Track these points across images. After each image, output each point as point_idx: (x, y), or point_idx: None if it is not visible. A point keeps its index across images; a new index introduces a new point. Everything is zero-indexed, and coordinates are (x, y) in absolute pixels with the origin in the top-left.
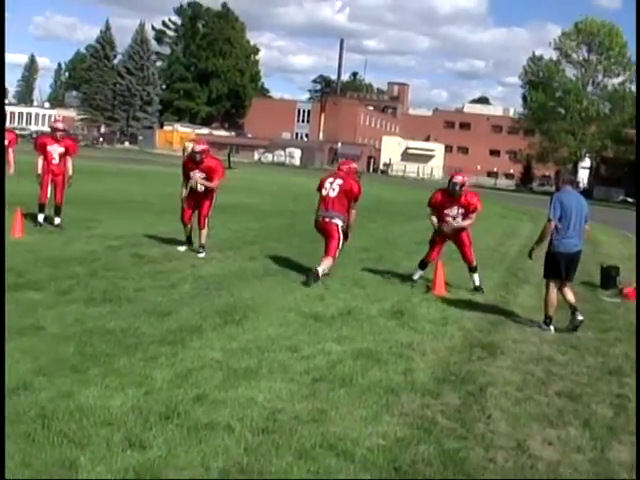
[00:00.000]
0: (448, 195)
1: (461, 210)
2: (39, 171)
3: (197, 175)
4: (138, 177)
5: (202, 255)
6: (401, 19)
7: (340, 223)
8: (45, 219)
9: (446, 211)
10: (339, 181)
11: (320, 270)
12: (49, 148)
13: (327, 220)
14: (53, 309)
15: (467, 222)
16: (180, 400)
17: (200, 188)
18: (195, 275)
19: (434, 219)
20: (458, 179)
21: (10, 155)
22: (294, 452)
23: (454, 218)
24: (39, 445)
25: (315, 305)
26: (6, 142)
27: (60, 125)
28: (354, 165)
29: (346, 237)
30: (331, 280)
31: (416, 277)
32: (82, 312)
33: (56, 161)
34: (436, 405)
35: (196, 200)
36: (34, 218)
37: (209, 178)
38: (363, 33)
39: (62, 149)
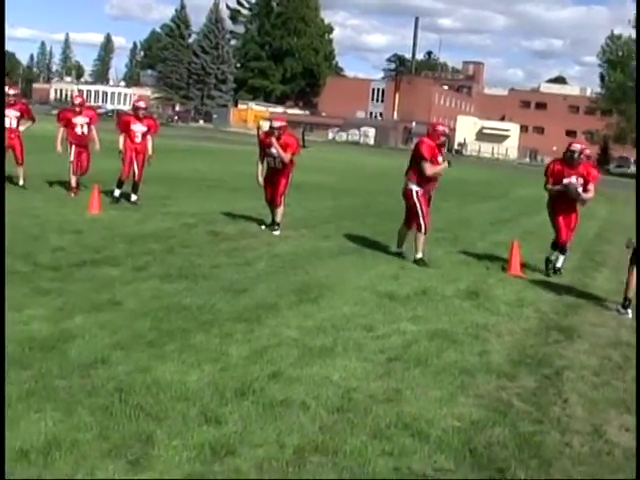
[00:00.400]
0: (567, 164)
1: (580, 180)
2: (121, 148)
3: (273, 150)
4: (213, 155)
5: (277, 233)
6: None
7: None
8: (121, 195)
9: (565, 181)
10: None
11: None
12: (132, 127)
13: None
14: (130, 285)
15: (589, 195)
16: (256, 377)
17: (278, 164)
18: (270, 253)
19: (556, 187)
20: (576, 147)
21: (94, 132)
22: (369, 431)
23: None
24: (116, 418)
25: (390, 284)
26: (87, 120)
27: (142, 104)
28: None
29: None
30: (406, 260)
31: (559, 264)
32: (158, 288)
33: (139, 139)
34: (512, 388)
35: (273, 178)
36: (110, 194)
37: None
38: (438, 11)
39: (144, 128)
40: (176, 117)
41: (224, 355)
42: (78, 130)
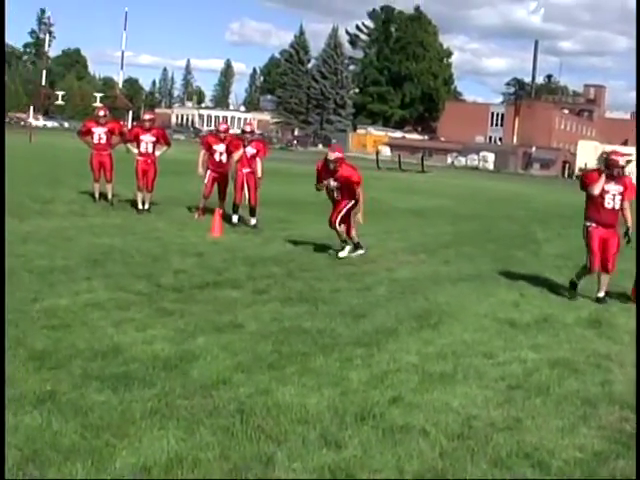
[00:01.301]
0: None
1: (619, 188)
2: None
3: (332, 183)
4: None
5: (343, 254)
6: (598, 18)
7: None
8: (239, 219)
9: (606, 187)
10: None
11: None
12: (214, 147)
13: None
14: (251, 307)
15: (626, 204)
16: (376, 402)
17: (337, 196)
18: (390, 278)
19: (594, 188)
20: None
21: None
22: (489, 460)
23: (613, 197)
24: (237, 439)
25: (510, 311)
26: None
27: (248, 128)
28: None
29: None
30: (527, 287)
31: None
32: (279, 311)
33: (247, 162)
34: (635, 419)
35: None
36: (230, 220)
37: (343, 187)
38: (558, 34)
39: (254, 151)
40: (295, 141)
41: (344, 379)
42: (217, 157)
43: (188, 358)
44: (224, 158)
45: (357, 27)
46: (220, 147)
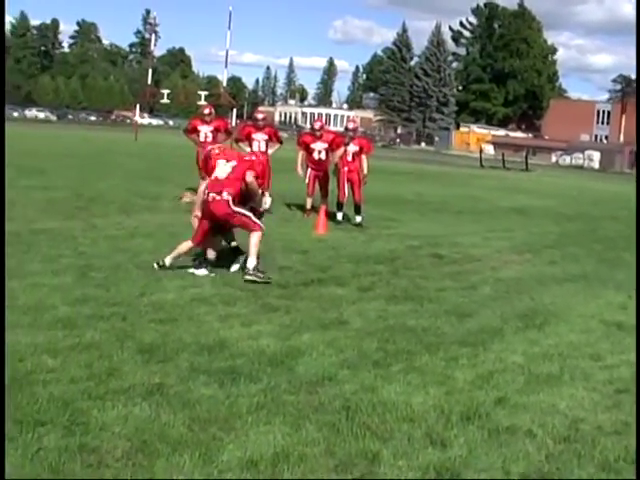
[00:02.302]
0: None
1: None
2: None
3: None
4: (435, 178)
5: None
6: None
7: None
8: (343, 217)
9: None
10: None
11: None
12: (312, 146)
13: None
14: (355, 304)
15: None
16: (481, 402)
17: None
18: (495, 277)
19: None
20: None
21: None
22: (596, 463)
23: None
24: (343, 435)
25: (618, 313)
26: (325, 145)
27: (351, 125)
28: None
29: None
30: (634, 289)
31: None
32: (384, 309)
33: (350, 159)
34: None
35: None
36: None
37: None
38: None
39: (356, 148)
40: (398, 139)
41: (449, 378)
42: (315, 155)
43: (294, 354)
44: (323, 156)
45: (460, 24)
46: (317, 145)
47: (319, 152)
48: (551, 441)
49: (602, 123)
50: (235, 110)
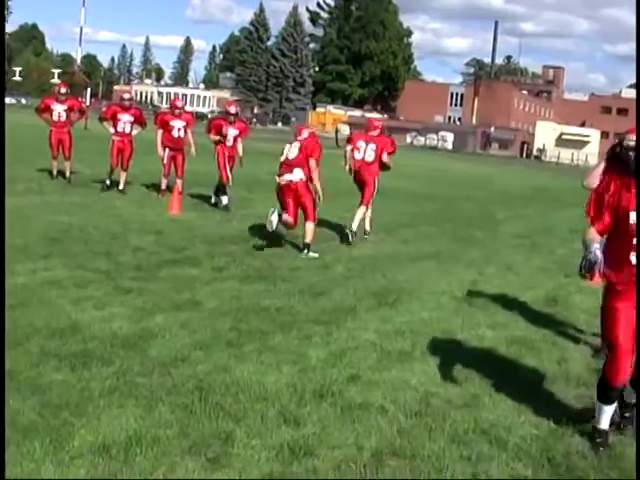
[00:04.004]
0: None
1: None
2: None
3: None
4: None
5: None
6: (560, 1)
7: None
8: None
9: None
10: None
11: None
12: (172, 123)
13: None
14: (210, 285)
15: None
16: (334, 379)
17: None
18: (349, 257)
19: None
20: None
21: (189, 136)
22: (447, 436)
23: None
24: (196, 416)
25: (468, 290)
26: (184, 123)
27: (233, 109)
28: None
29: None
30: (485, 266)
31: None
32: (238, 289)
33: (230, 143)
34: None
35: None
36: (192, 196)
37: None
38: (520, 16)
39: (236, 132)
40: (254, 119)
41: (303, 357)
42: (175, 133)
43: (147, 336)
44: (182, 134)
45: (318, 5)
46: (177, 123)
47: (178, 130)
48: (403, 416)
49: (456, 105)
50: (89, 89)
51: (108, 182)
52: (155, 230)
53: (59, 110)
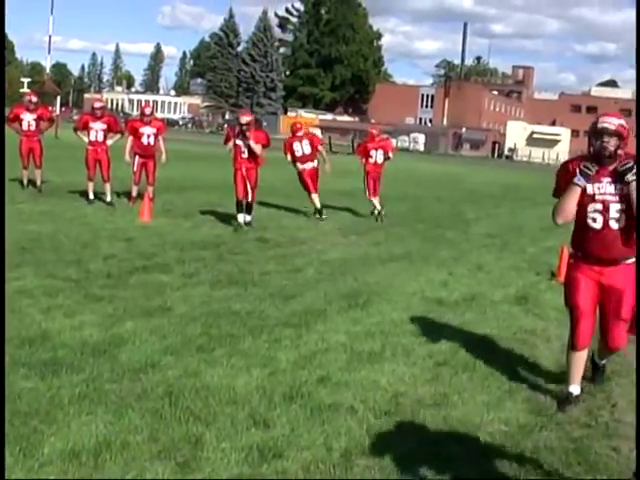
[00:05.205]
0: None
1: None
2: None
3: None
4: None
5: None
6: (530, 2)
7: None
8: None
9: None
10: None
11: None
12: (141, 130)
13: None
14: (180, 291)
15: None
16: (304, 381)
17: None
18: (320, 260)
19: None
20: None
21: (160, 143)
22: (416, 435)
23: None
24: (166, 421)
25: (439, 290)
26: (154, 130)
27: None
28: None
29: None
30: (455, 266)
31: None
32: (208, 294)
33: (245, 155)
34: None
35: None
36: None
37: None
38: (490, 17)
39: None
40: (226, 125)
41: (273, 360)
42: (144, 140)
43: (117, 343)
44: (152, 141)
45: (287, 10)
46: (147, 129)
47: (148, 137)
48: (372, 416)
49: (426, 107)
50: (60, 98)
51: (92, 196)
52: (125, 237)
53: (29, 119)
